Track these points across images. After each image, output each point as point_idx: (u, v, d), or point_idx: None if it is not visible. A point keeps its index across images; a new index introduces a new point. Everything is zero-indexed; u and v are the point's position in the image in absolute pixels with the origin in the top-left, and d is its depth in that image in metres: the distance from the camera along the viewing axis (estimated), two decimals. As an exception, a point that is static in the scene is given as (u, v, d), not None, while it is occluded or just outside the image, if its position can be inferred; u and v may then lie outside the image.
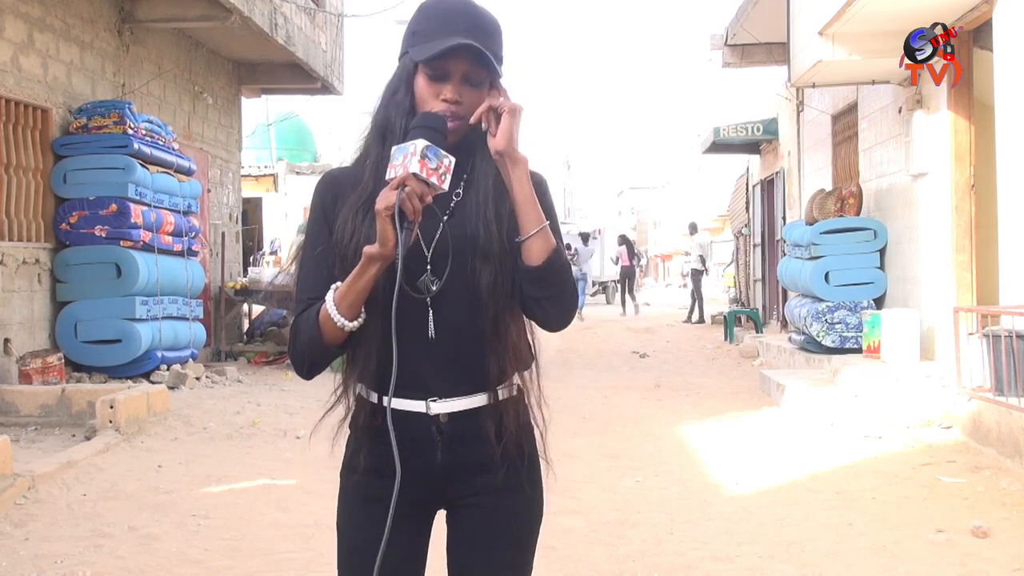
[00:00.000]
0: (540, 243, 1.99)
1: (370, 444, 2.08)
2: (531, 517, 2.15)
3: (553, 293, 2.03)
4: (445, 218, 1.99)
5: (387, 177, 1.91)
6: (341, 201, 2.07)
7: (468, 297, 2.01)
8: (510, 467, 2.09)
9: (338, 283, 1.98)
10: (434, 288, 1.99)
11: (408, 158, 1.88)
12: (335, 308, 1.96)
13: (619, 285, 27.66)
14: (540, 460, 2.17)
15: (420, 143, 1.88)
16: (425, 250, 2.00)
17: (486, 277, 2.00)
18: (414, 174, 1.86)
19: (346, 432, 2.18)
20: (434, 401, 2.02)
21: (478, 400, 2.05)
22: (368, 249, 1.91)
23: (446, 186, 1.91)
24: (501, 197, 2.04)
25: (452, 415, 2.04)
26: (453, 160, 1.92)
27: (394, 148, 1.92)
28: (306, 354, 2.06)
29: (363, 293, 1.95)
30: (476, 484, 2.08)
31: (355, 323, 1.98)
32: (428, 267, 2.00)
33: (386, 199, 1.87)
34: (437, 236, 2.00)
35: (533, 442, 2.15)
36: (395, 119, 2.06)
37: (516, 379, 2.11)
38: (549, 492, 2.21)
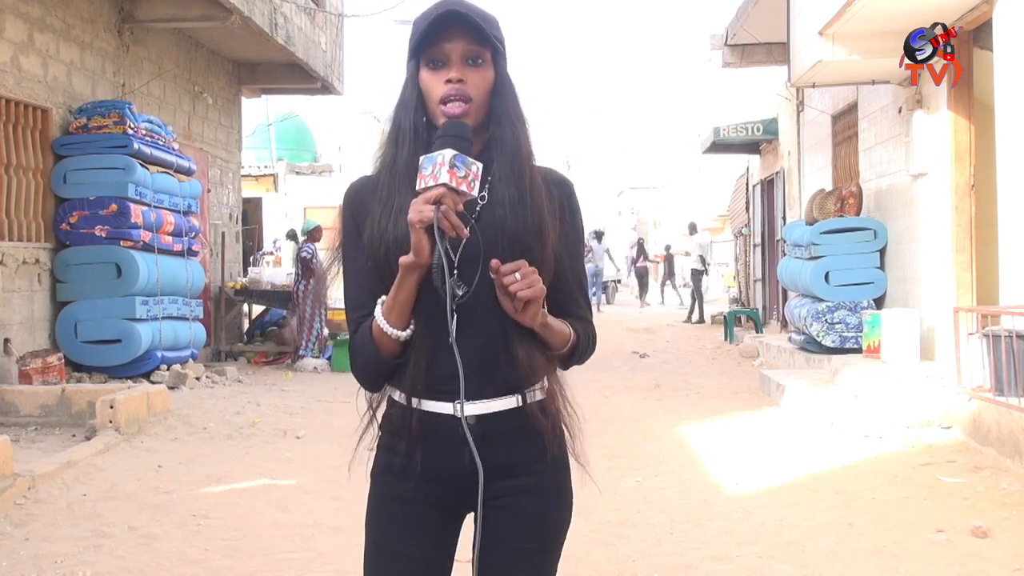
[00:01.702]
0: (566, 351, 2.11)
1: (398, 445, 2.09)
2: (559, 521, 2.14)
3: (574, 363, 2.18)
4: (473, 221, 1.99)
5: (418, 187, 1.93)
6: (367, 207, 2.10)
7: (496, 299, 2.01)
8: (539, 470, 2.09)
9: (384, 297, 2.02)
10: (460, 292, 1.99)
11: (437, 168, 1.90)
12: (385, 321, 2.01)
13: (637, 283, 30.66)
14: (570, 464, 2.17)
15: (448, 153, 1.90)
16: (452, 254, 2.01)
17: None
18: (444, 184, 1.89)
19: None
20: (462, 403, 2.02)
21: (507, 402, 2.05)
22: (404, 259, 1.95)
23: (475, 192, 1.93)
24: (524, 185, 2.06)
25: (480, 417, 2.04)
26: (480, 166, 1.94)
27: (422, 158, 1.94)
28: (369, 370, 2.09)
29: (408, 302, 2.00)
30: (504, 486, 2.07)
31: (407, 332, 2.03)
32: (456, 271, 2.00)
33: (419, 212, 1.89)
34: (464, 240, 1.99)
35: (563, 445, 2.15)
36: (404, 119, 2.09)
37: (547, 382, 2.11)
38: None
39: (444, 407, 2.03)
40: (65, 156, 9.95)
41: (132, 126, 10.10)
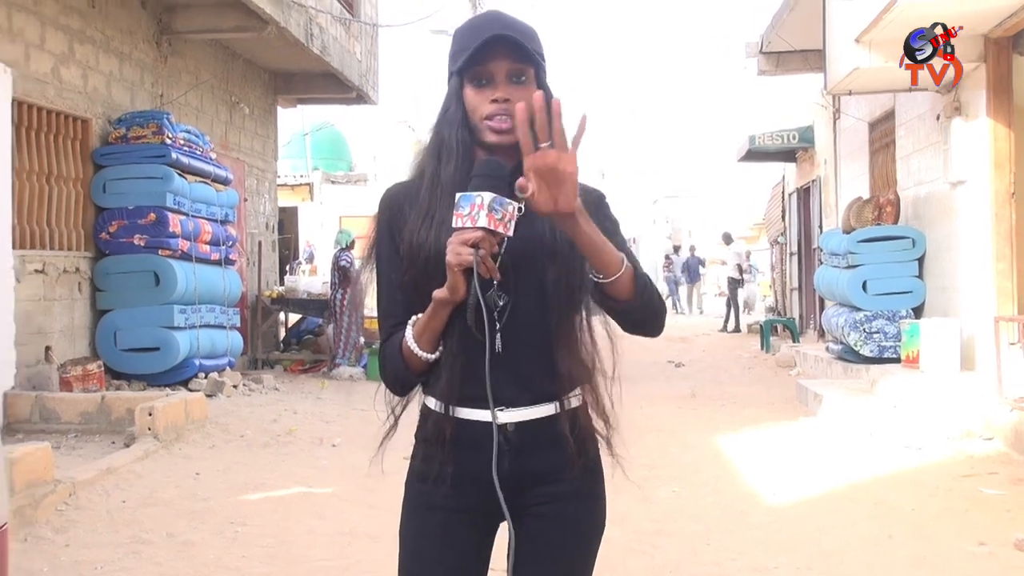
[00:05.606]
0: (624, 280, 2.01)
1: (434, 453, 2.10)
2: (595, 527, 2.16)
3: (645, 316, 2.10)
4: (510, 234, 1.99)
5: (453, 225, 1.94)
6: (404, 214, 2.12)
7: (536, 306, 2.04)
8: (574, 476, 2.10)
9: (417, 316, 2.05)
10: (501, 303, 2.00)
11: (475, 210, 1.91)
12: (415, 344, 2.05)
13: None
14: (603, 470, 2.18)
15: (487, 196, 1.92)
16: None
17: (552, 274, 2.03)
18: (483, 228, 1.90)
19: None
20: (501, 410, 2.02)
21: (546, 409, 2.07)
22: (438, 294, 1.98)
23: (511, 232, 1.94)
24: None
25: (519, 424, 2.05)
26: (517, 205, 1.94)
27: (459, 196, 1.94)
28: (397, 382, 2.15)
29: (439, 329, 2.04)
30: (542, 493, 2.08)
31: (437, 354, 2.06)
32: (495, 281, 2.00)
33: (457, 254, 1.92)
34: (503, 250, 2.00)
35: (597, 451, 2.17)
36: (448, 135, 2.10)
37: (581, 388, 2.12)
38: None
39: (481, 414, 2.04)
40: (104, 166, 10.06)
41: (170, 136, 10.20)
